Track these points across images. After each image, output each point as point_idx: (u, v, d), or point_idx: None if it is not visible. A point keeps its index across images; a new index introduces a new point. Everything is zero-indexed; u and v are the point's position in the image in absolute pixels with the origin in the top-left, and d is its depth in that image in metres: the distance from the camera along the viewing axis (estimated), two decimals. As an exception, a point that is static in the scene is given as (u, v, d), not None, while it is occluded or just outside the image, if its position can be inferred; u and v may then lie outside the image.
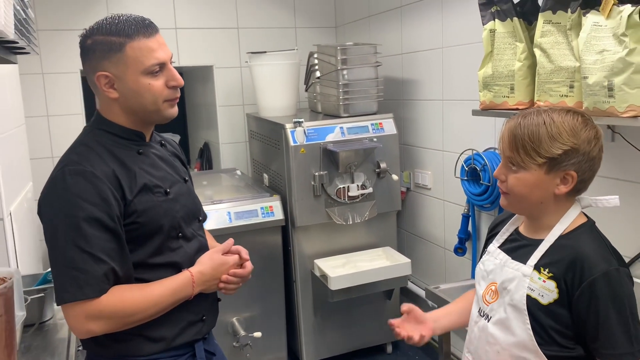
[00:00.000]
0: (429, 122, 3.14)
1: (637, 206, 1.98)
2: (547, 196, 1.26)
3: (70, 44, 3.33)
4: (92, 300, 1.28)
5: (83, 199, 1.28)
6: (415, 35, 3.16)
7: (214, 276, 1.46)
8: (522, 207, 1.31)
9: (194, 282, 1.41)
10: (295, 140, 2.92)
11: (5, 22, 1.23)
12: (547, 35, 1.82)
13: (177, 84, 1.39)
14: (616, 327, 1.18)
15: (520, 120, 1.26)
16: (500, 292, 1.32)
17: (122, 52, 1.32)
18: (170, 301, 1.39)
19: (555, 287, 1.22)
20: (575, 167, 1.23)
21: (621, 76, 1.54)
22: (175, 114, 1.45)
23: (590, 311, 1.20)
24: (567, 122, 1.22)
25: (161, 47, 1.36)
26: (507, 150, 1.27)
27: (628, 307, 1.19)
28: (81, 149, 1.37)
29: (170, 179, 1.47)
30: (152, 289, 1.37)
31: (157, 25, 1.40)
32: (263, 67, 3.37)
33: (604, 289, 1.19)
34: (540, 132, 1.22)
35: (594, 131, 1.24)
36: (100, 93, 1.39)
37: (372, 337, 3.29)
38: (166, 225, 1.41)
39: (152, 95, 1.36)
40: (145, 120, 1.43)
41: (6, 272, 1.38)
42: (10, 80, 2.50)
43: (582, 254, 1.22)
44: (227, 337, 2.98)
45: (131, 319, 1.34)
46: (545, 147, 1.21)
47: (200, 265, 1.45)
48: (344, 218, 3.01)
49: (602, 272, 1.19)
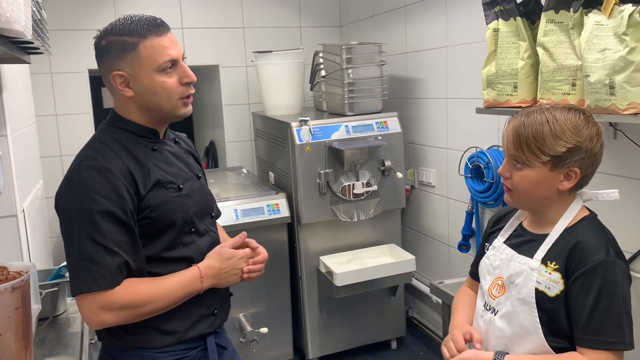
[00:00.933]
0: (433, 120, 3.17)
1: (638, 202, 2.01)
2: (551, 192, 1.29)
3: (78, 44, 3.38)
4: (106, 292, 1.31)
5: (98, 193, 1.31)
6: (420, 35, 3.19)
7: (223, 270, 1.49)
8: (527, 203, 1.35)
9: (202, 277, 1.44)
10: (300, 139, 2.95)
11: (25, 23, 1.27)
12: (550, 35, 1.85)
13: (190, 80, 1.43)
14: (607, 316, 1.21)
15: (523, 119, 1.29)
16: (507, 286, 1.34)
17: (136, 51, 1.35)
18: (181, 295, 1.42)
19: (560, 279, 1.26)
20: (579, 164, 1.26)
21: (622, 74, 1.57)
22: (189, 113, 1.48)
23: (583, 298, 1.23)
24: (570, 120, 1.25)
25: (173, 45, 1.40)
26: (511, 148, 1.30)
27: (621, 298, 1.22)
28: (97, 145, 1.40)
29: (184, 175, 1.50)
30: (163, 282, 1.40)
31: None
32: (269, 66, 3.41)
33: (599, 278, 1.22)
34: (544, 130, 1.25)
35: (595, 128, 1.27)
36: (116, 92, 1.42)
37: (377, 333, 3.33)
38: (179, 221, 1.44)
39: (166, 93, 1.40)
40: (159, 119, 1.47)
41: (22, 266, 1.41)
42: (22, 80, 2.55)
43: (582, 243, 1.26)
44: (234, 333, 3.02)
45: (142, 311, 1.37)
46: (550, 145, 1.25)
47: (208, 260, 1.48)
48: (349, 215, 3.05)
49: (598, 261, 1.23)
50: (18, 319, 1.34)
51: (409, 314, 3.63)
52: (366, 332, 3.29)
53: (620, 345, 1.21)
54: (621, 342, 1.22)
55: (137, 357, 1.45)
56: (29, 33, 1.34)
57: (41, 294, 1.72)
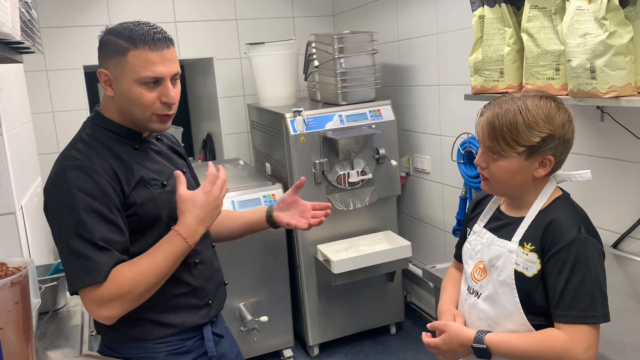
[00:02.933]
0: (426, 107, 3.19)
1: (626, 183, 2.04)
2: (527, 179, 1.33)
3: (72, 40, 3.40)
4: (101, 286, 1.32)
5: (83, 192, 1.33)
6: (411, 22, 3.21)
7: (204, 217, 1.44)
8: (504, 191, 1.39)
9: (183, 235, 1.41)
10: (295, 129, 2.98)
11: (13, 25, 1.29)
12: (534, 20, 1.87)
13: (168, 101, 1.41)
14: (581, 291, 1.24)
15: (496, 110, 1.31)
16: (489, 269, 1.38)
17: (125, 56, 1.37)
18: (171, 262, 1.39)
19: (537, 258, 1.30)
20: (553, 152, 1.30)
21: (602, 58, 1.59)
22: (164, 130, 1.48)
23: (557, 275, 1.26)
24: (542, 109, 1.28)
25: (164, 63, 1.38)
26: (486, 140, 1.33)
27: (594, 273, 1.25)
28: (80, 145, 1.42)
29: (168, 172, 1.52)
30: (146, 259, 1.38)
31: (157, 19, 1.44)
32: (262, 58, 3.43)
33: (572, 255, 1.25)
34: (518, 121, 1.27)
35: (566, 114, 1.30)
36: (103, 88, 1.45)
37: (375, 319, 3.38)
38: (165, 216, 1.46)
39: (141, 105, 1.40)
40: (135, 125, 1.47)
41: (21, 261, 1.44)
42: (16, 78, 2.57)
43: (554, 222, 1.29)
44: (234, 322, 3.07)
45: (136, 292, 1.35)
46: (524, 136, 1.28)
47: (185, 215, 1.43)
48: (345, 204, 3.08)
49: (570, 239, 1.26)
50: (18, 313, 1.37)
51: (407, 299, 3.67)
52: (365, 318, 3.34)
53: (594, 318, 1.24)
54: (594, 315, 1.25)
55: (135, 348, 1.48)
56: (17, 34, 1.36)
57: (41, 288, 1.75)
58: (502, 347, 1.30)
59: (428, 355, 3.18)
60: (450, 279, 1.61)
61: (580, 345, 1.23)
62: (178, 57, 1.45)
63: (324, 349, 3.32)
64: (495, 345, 1.31)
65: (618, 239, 2.08)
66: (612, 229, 2.10)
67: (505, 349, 1.30)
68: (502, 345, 1.31)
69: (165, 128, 1.48)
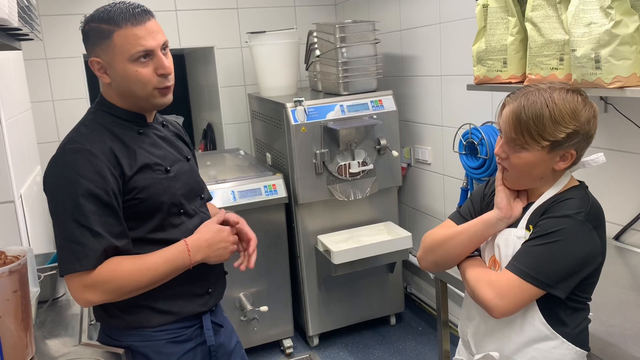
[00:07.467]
0: (428, 98, 3.17)
1: (629, 175, 2.02)
2: (547, 172, 1.31)
3: (72, 28, 3.37)
4: (90, 272, 1.33)
5: (81, 175, 1.34)
6: (414, 12, 3.18)
7: (213, 242, 1.50)
8: (522, 181, 1.35)
9: (190, 250, 1.45)
10: (296, 119, 2.96)
11: (10, 10, 1.28)
12: (538, 9, 1.84)
13: (165, 72, 1.41)
14: (541, 255, 1.22)
15: (523, 101, 1.27)
16: (501, 260, 1.36)
17: (111, 39, 1.37)
18: (167, 270, 1.42)
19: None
20: (575, 147, 1.27)
21: (607, 48, 1.57)
22: (167, 103, 1.48)
23: (531, 239, 1.26)
24: (569, 104, 1.24)
25: (150, 35, 1.38)
26: (511, 132, 1.29)
27: (568, 252, 1.22)
28: (82, 129, 1.43)
29: (172, 158, 1.52)
30: (145, 258, 1.41)
31: (157, 8, 1.44)
32: (263, 47, 3.41)
33: (556, 225, 1.23)
34: (544, 115, 1.24)
35: (592, 110, 1.27)
36: (98, 77, 1.45)
37: (376, 309, 3.38)
38: (166, 202, 1.46)
39: (140, 82, 1.40)
40: (139, 106, 1.47)
41: (19, 250, 1.44)
42: (15, 66, 2.56)
43: (558, 200, 1.28)
44: (234, 312, 3.07)
45: (126, 289, 1.38)
46: (549, 131, 1.24)
47: (197, 234, 1.50)
48: (345, 194, 3.07)
49: (563, 214, 1.25)
50: (17, 301, 1.37)
51: (407, 290, 3.67)
52: (365, 308, 3.34)
53: (532, 278, 1.22)
54: (536, 278, 1.22)
55: (134, 336, 1.49)
56: (14, 20, 1.35)
57: (40, 277, 1.75)
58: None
59: (427, 346, 3.19)
60: (449, 225, 1.51)
61: (501, 289, 1.23)
62: (179, 45, 1.45)
63: (324, 339, 3.33)
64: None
65: (620, 230, 2.07)
66: (614, 221, 2.09)
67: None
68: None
69: (168, 101, 1.48)
